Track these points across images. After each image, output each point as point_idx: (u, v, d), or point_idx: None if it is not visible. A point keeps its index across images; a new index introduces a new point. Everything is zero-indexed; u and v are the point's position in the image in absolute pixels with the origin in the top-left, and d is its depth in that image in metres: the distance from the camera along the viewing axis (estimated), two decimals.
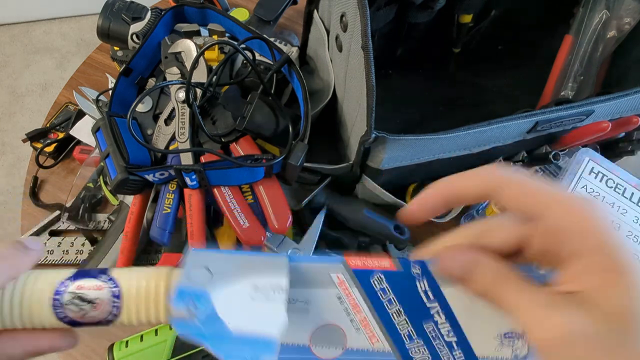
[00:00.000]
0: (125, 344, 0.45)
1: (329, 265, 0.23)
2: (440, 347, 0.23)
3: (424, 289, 0.23)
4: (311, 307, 0.23)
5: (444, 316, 0.23)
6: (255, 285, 0.22)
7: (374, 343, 0.23)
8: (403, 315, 0.23)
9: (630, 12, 0.50)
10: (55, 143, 0.61)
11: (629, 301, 0.18)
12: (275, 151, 0.51)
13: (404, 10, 0.51)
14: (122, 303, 0.22)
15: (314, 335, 0.23)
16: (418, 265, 0.23)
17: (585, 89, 0.53)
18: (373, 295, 0.23)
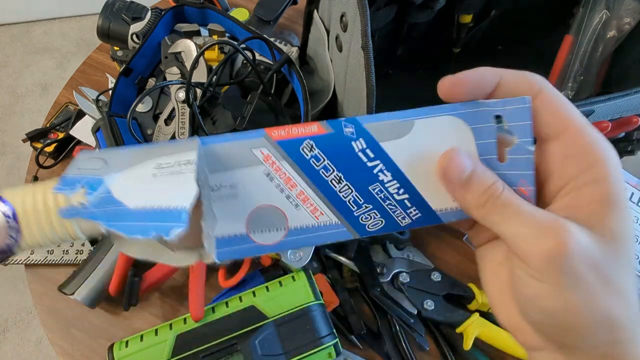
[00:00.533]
0: (125, 344, 0.45)
1: (250, 141, 0.20)
2: (392, 207, 0.22)
3: (362, 147, 0.21)
4: (239, 190, 0.21)
5: (389, 174, 0.21)
6: (159, 164, 0.19)
7: (318, 217, 0.21)
8: (344, 181, 0.21)
9: (630, 12, 0.50)
10: (55, 143, 0.61)
11: (624, 229, 0.19)
12: None
13: (404, 10, 0.51)
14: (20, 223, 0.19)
15: (250, 221, 0.21)
16: (350, 123, 0.21)
17: (585, 89, 0.53)
18: (305, 165, 0.21)
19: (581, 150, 0.20)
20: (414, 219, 0.22)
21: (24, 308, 1.24)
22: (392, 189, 0.21)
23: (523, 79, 0.21)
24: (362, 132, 0.21)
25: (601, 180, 0.19)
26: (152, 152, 0.20)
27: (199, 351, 0.43)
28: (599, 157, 0.20)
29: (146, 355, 0.44)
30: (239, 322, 0.44)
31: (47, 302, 0.52)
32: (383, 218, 0.22)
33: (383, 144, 0.21)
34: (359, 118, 0.21)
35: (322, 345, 0.43)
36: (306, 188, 0.21)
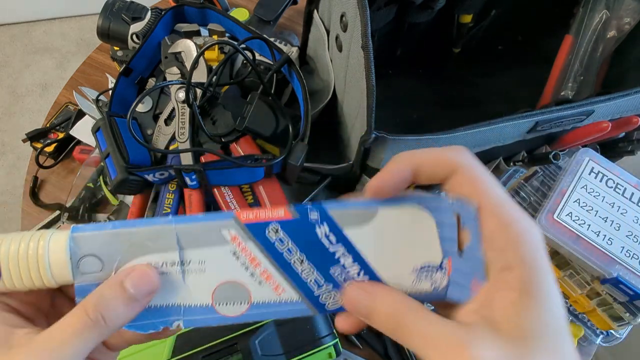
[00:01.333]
0: None
1: (219, 222, 0.22)
2: None
3: (325, 233, 0.22)
4: (207, 266, 0.22)
5: (350, 258, 0.22)
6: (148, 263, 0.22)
7: (280, 294, 0.22)
8: (306, 262, 0.22)
9: (630, 12, 0.50)
10: (55, 143, 0.61)
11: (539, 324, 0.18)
12: (275, 151, 0.51)
13: (404, 10, 0.51)
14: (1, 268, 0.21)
15: (216, 294, 0.23)
16: (316, 210, 0.22)
17: (585, 89, 0.53)
18: (270, 247, 0.22)
19: (494, 233, 0.19)
20: None
21: None
22: (352, 272, 0.22)
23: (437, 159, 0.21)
24: (327, 218, 0.22)
25: (516, 266, 0.19)
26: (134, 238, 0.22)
27: (199, 351, 0.43)
28: (514, 239, 0.19)
29: (146, 355, 0.44)
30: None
31: None
32: None
33: (346, 230, 0.22)
34: (324, 204, 0.22)
35: (322, 345, 0.43)
36: (270, 267, 0.22)
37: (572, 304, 0.50)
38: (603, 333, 0.51)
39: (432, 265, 0.22)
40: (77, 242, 0.22)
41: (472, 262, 0.22)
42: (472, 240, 0.22)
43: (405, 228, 0.22)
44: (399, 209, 0.23)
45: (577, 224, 0.45)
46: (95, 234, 0.22)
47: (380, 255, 0.22)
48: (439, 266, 0.22)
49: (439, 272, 0.22)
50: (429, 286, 0.22)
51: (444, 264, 0.22)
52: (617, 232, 0.45)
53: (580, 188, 0.47)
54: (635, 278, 0.43)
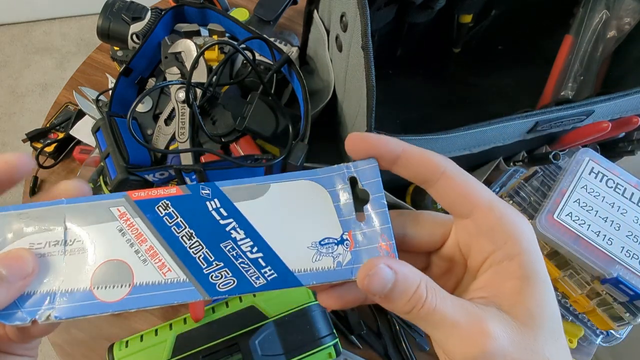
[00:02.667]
0: (125, 344, 0.45)
1: (109, 200, 0.21)
2: (245, 266, 0.21)
3: (215, 207, 0.21)
4: (89, 245, 0.21)
5: (242, 232, 0.21)
6: (31, 244, 0.21)
7: (166, 274, 0.21)
8: (194, 237, 0.21)
9: (630, 12, 0.50)
10: (55, 143, 0.61)
11: (542, 306, 0.19)
12: (275, 151, 0.51)
13: (404, 10, 0.51)
14: None
15: (96, 276, 0.21)
16: (207, 187, 0.22)
17: (585, 89, 0.53)
18: (158, 222, 0.21)
19: (492, 227, 0.20)
20: (269, 279, 0.21)
21: None
22: (245, 247, 0.21)
23: (425, 158, 0.21)
24: (218, 193, 0.21)
25: (515, 255, 0.20)
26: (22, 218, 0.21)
27: (199, 351, 0.43)
28: (511, 232, 0.20)
29: (146, 355, 0.44)
30: (239, 322, 0.44)
31: None
32: (235, 277, 0.21)
33: (237, 203, 0.21)
34: (217, 183, 0.22)
35: (322, 345, 0.43)
36: (156, 243, 0.21)
37: (572, 304, 0.50)
38: (603, 333, 0.51)
39: (331, 239, 0.21)
40: None
41: (376, 222, 0.21)
42: (373, 202, 0.21)
43: (300, 202, 0.22)
44: (291, 183, 0.22)
45: (577, 224, 0.45)
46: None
47: (274, 229, 0.21)
48: (339, 240, 0.21)
49: (341, 247, 0.21)
50: (331, 262, 0.21)
51: (344, 236, 0.21)
52: (617, 232, 0.45)
53: (580, 188, 0.47)
54: (635, 278, 0.43)
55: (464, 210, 0.21)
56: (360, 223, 0.22)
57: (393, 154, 0.21)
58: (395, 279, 0.19)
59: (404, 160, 0.21)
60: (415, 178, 0.22)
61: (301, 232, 0.21)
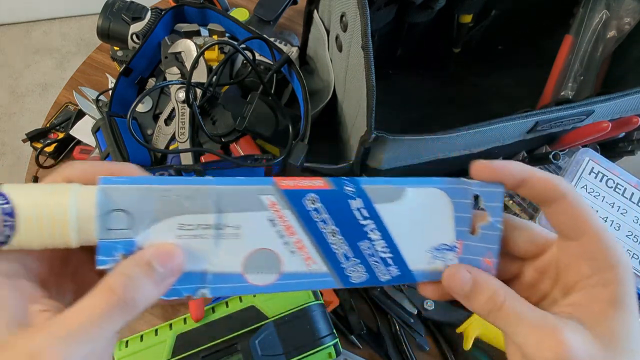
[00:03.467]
0: (125, 344, 0.45)
1: (259, 187, 0.22)
2: (376, 263, 0.23)
3: (358, 206, 0.23)
4: (242, 232, 0.22)
5: (379, 234, 0.23)
6: (181, 225, 0.21)
7: (310, 265, 0.23)
8: (338, 235, 0.23)
9: (630, 12, 0.50)
10: (55, 143, 0.61)
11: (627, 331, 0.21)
12: (275, 151, 0.51)
13: (404, 10, 0.51)
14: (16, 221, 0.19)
15: (247, 262, 0.22)
16: (351, 183, 0.23)
17: (585, 89, 0.53)
18: (306, 216, 0.22)
19: (596, 255, 0.22)
20: (393, 276, 0.24)
21: None
22: (378, 247, 0.23)
23: (550, 184, 0.23)
24: (360, 192, 0.23)
25: (610, 283, 0.21)
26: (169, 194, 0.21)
27: (199, 351, 0.43)
28: (612, 263, 0.21)
29: (146, 355, 0.44)
30: (239, 322, 0.44)
31: None
32: (367, 272, 0.23)
33: (377, 205, 0.23)
34: (359, 179, 0.23)
35: (322, 346, 0.43)
36: (303, 237, 0.22)
37: None
38: None
39: (445, 245, 0.24)
40: (108, 195, 0.20)
41: (486, 242, 0.24)
42: (491, 220, 0.23)
43: (427, 209, 0.24)
44: (424, 189, 0.24)
45: None
46: (128, 188, 0.20)
47: (403, 233, 0.23)
48: (451, 247, 0.24)
49: (451, 253, 0.24)
50: (441, 265, 0.24)
51: (456, 245, 0.24)
52: (617, 232, 0.45)
53: (580, 188, 0.47)
54: (635, 278, 0.42)
55: (574, 233, 0.22)
56: (472, 236, 0.24)
57: (517, 179, 0.23)
58: (473, 282, 0.22)
59: (529, 184, 0.23)
60: (534, 198, 0.24)
61: (424, 237, 0.24)
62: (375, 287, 0.50)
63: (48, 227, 0.19)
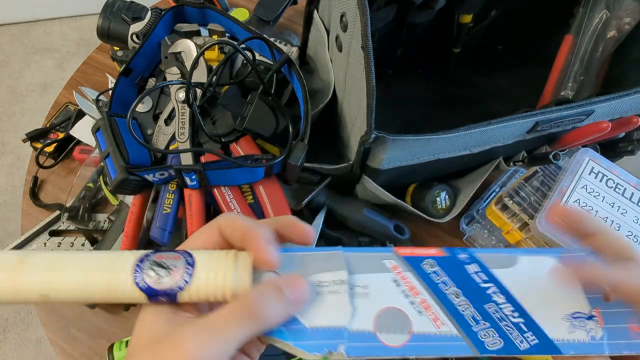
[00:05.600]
0: (125, 344, 0.45)
1: (381, 254, 0.24)
2: (509, 329, 0.23)
3: (475, 271, 0.24)
4: (370, 291, 0.24)
5: (503, 297, 0.23)
6: (319, 282, 0.24)
7: (440, 326, 0.23)
8: (461, 296, 0.23)
9: (630, 12, 0.50)
10: (55, 143, 0.61)
11: None
12: (275, 151, 0.51)
13: (404, 10, 0.51)
14: (194, 271, 0.23)
15: (378, 320, 0.23)
16: (464, 252, 0.24)
17: (585, 89, 0.53)
18: (427, 278, 0.24)
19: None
20: (531, 344, 0.23)
21: (24, 308, 1.24)
22: (506, 310, 0.23)
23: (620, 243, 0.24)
24: (474, 259, 0.24)
25: None
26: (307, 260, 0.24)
27: None
28: None
29: None
30: None
31: None
32: (501, 338, 0.23)
33: (493, 270, 0.24)
34: (470, 249, 0.24)
35: None
36: (427, 297, 0.23)
37: None
38: None
39: (581, 314, 0.23)
40: None
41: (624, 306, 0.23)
42: None
43: (546, 276, 0.24)
44: (539, 258, 0.24)
45: None
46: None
47: (528, 298, 0.23)
48: (588, 316, 0.23)
49: (591, 322, 0.23)
50: (585, 335, 0.23)
51: (592, 313, 0.23)
52: (617, 232, 0.45)
53: (580, 188, 0.47)
54: None
55: None
56: (607, 303, 0.23)
57: (590, 230, 0.24)
58: None
59: (601, 240, 0.24)
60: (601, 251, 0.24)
61: (553, 304, 0.23)
62: None
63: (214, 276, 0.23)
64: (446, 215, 0.52)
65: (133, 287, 0.23)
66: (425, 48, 0.60)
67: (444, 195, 0.53)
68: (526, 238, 0.49)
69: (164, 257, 0.23)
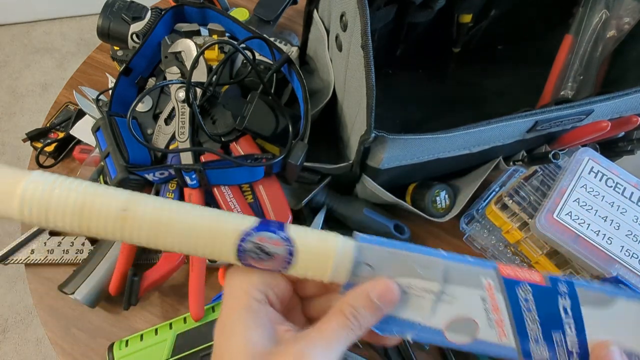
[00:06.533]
0: (125, 344, 0.45)
1: (483, 270, 0.25)
2: (561, 352, 0.25)
3: (565, 305, 0.25)
4: (456, 301, 0.25)
5: (575, 331, 0.25)
6: (409, 284, 0.25)
7: (502, 339, 0.25)
8: (537, 323, 0.25)
9: (630, 12, 0.50)
10: (55, 143, 0.61)
11: None
12: (275, 151, 0.51)
13: (404, 10, 0.51)
14: (294, 260, 0.24)
15: (451, 324, 0.25)
16: (566, 284, 0.25)
17: (585, 88, 0.53)
18: (515, 303, 0.25)
19: None
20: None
21: (24, 308, 1.24)
22: (569, 341, 0.25)
23: None
24: (572, 295, 0.25)
25: None
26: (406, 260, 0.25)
27: (198, 350, 0.43)
28: None
29: (146, 354, 0.44)
30: None
31: (47, 302, 0.52)
32: (549, 356, 0.25)
33: (583, 307, 0.25)
34: (575, 281, 0.25)
35: None
36: (505, 317, 0.25)
37: None
38: None
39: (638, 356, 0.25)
40: (362, 252, 0.25)
41: None
42: None
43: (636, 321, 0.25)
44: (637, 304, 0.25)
45: (576, 223, 0.45)
46: (378, 249, 0.25)
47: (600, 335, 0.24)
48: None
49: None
50: None
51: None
52: (617, 231, 0.45)
53: (580, 187, 0.47)
54: (635, 277, 0.43)
55: None
56: None
57: None
58: None
59: None
60: None
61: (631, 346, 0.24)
62: None
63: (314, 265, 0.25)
64: (446, 214, 0.52)
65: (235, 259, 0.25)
66: (425, 48, 0.60)
67: (444, 194, 0.53)
68: (526, 237, 0.49)
69: (265, 240, 0.24)
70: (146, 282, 0.47)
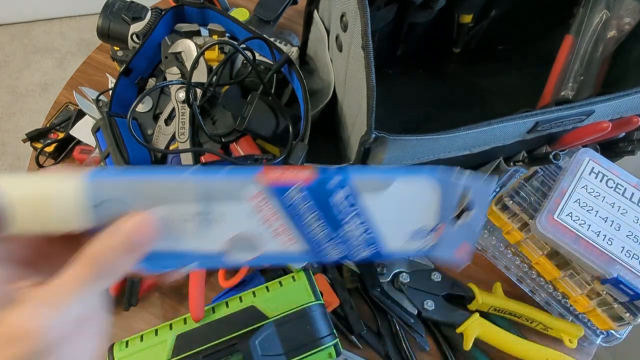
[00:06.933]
0: (125, 344, 0.45)
1: (244, 180, 0.23)
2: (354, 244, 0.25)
3: (343, 195, 0.24)
4: (227, 219, 0.23)
5: (360, 219, 0.24)
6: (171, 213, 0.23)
7: (290, 246, 0.24)
8: (322, 219, 0.24)
9: (630, 12, 0.50)
10: (55, 143, 0.61)
11: None
12: (275, 151, 0.51)
13: (404, 10, 0.51)
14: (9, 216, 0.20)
15: (230, 243, 0.24)
16: (338, 174, 0.24)
17: (585, 89, 0.53)
18: (289, 207, 0.24)
19: None
20: (370, 254, 0.25)
21: None
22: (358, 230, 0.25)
23: None
24: (347, 184, 0.24)
25: None
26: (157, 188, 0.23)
27: (199, 351, 0.43)
28: None
29: (146, 355, 0.44)
30: (239, 322, 0.44)
31: None
32: (345, 251, 0.25)
33: (362, 194, 0.24)
34: (348, 169, 0.24)
35: (322, 346, 0.43)
36: (287, 223, 0.24)
37: (572, 304, 0.50)
38: (603, 333, 0.51)
39: (426, 228, 0.25)
40: (97, 190, 0.21)
41: (467, 231, 0.25)
42: (474, 213, 0.25)
43: (414, 196, 0.25)
44: (414, 179, 0.25)
45: (577, 224, 0.45)
46: (116, 182, 0.22)
47: (388, 219, 0.25)
48: (431, 229, 0.25)
49: (430, 235, 0.25)
50: (420, 244, 0.26)
51: (437, 227, 0.25)
52: (617, 232, 0.45)
53: (581, 188, 0.47)
54: (635, 278, 0.42)
55: None
56: (455, 221, 0.25)
57: None
58: None
59: None
60: None
61: (408, 222, 0.25)
62: (375, 287, 0.50)
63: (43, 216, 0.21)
64: None
65: None
66: (426, 48, 0.60)
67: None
68: (526, 238, 0.49)
69: None
70: (146, 283, 0.47)
